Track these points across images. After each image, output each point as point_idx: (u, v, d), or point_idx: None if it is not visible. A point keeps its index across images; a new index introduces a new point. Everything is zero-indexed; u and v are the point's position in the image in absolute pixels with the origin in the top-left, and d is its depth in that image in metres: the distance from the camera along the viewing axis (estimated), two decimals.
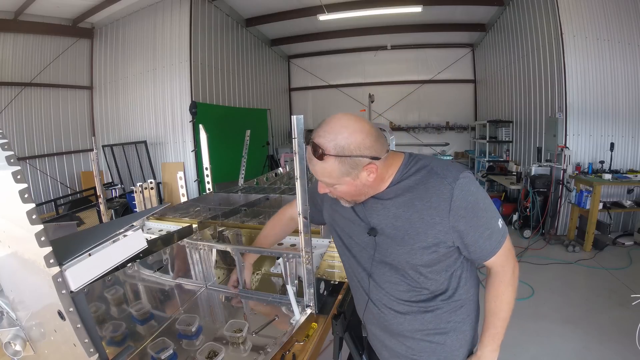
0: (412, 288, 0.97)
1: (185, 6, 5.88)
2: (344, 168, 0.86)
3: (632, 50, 4.82)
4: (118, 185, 6.16)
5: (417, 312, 0.98)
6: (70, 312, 0.66)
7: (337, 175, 0.88)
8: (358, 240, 1.01)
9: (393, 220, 0.93)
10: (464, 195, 0.87)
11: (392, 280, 0.99)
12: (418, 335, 1.00)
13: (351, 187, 0.91)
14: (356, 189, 0.92)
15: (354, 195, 0.95)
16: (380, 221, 0.95)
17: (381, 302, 1.02)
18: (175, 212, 2.21)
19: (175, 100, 6.07)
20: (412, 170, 0.94)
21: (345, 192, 0.94)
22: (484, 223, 0.91)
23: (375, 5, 6.35)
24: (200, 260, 1.56)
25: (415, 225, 0.90)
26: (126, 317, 1.21)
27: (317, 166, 0.89)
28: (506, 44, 6.70)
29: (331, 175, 0.89)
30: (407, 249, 0.92)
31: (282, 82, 9.87)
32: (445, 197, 0.87)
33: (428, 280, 0.96)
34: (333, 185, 0.92)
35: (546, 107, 5.34)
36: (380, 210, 0.95)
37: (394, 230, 0.93)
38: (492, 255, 0.94)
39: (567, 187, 4.81)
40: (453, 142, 9.14)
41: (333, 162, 0.86)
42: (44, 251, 0.63)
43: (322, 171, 0.89)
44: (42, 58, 6.03)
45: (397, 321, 1.01)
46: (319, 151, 0.86)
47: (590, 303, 3.15)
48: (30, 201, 0.61)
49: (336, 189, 0.93)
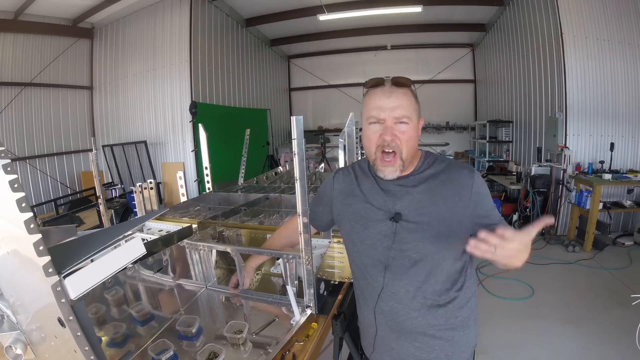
0: (430, 279, 0.98)
1: (185, 6, 5.88)
2: (417, 105, 0.99)
3: (632, 50, 4.82)
4: (118, 185, 6.16)
5: (430, 306, 1.00)
6: (70, 320, 0.66)
7: (413, 108, 0.97)
8: (375, 230, 1.01)
9: (418, 206, 0.98)
10: (480, 184, 0.99)
11: (410, 271, 0.99)
12: (430, 331, 1.00)
13: (415, 130, 0.98)
14: (415, 136, 0.99)
15: (411, 148, 0.98)
16: (404, 207, 0.99)
17: (396, 297, 1.01)
18: (175, 212, 2.21)
19: (175, 100, 6.07)
20: (431, 161, 1.04)
21: (409, 137, 0.97)
22: (492, 209, 1.02)
23: (375, 5, 6.35)
24: (200, 261, 1.56)
25: (440, 209, 0.97)
26: (126, 318, 1.21)
27: (400, 95, 0.95)
28: (506, 44, 6.70)
29: (409, 106, 0.96)
30: (433, 233, 0.96)
31: (282, 82, 9.86)
32: (467, 184, 0.97)
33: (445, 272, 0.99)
34: (406, 117, 0.96)
35: (546, 107, 5.34)
36: (404, 195, 1.00)
37: (419, 215, 0.97)
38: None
39: (567, 187, 4.81)
40: (453, 142, 9.14)
41: (411, 95, 0.98)
42: (42, 260, 0.62)
43: (404, 99, 0.95)
44: (42, 58, 6.02)
45: (411, 316, 1.00)
46: (406, 82, 0.97)
47: (590, 303, 3.15)
48: (28, 210, 0.61)
49: (407, 127, 0.96)
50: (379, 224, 1.01)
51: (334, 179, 1.18)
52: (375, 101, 0.96)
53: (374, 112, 0.96)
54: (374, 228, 1.01)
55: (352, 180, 1.11)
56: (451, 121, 9.02)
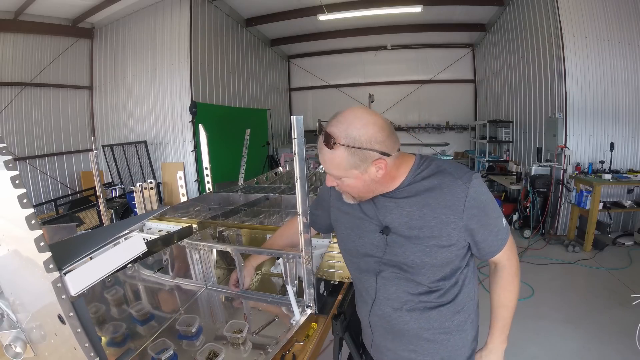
0: (421, 286, 0.97)
1: (185, 6, 5.88)
2: (353, 160, 0.86)
3: (632, 50, 4.82)
4: (118, 185, 6.16)
5: (423, 309, 0.98)
6: (70, 316, 0.66)
7: (345, 167, 0.88)
8: (367, 240, 1.01)
9: (407, 219, 0.93)
10: (477, 195, 0.91)
11: (400, 280, 0.98)
12: (424, 334, 1.00)
13: (359, 181, 0.91)
14: (364, 184, 0.92)
15: (361, 191, 0.94)
16: (393, 220, 0.95)
17: (388, 302, 1.01)
18: (175, 212, 2.21)
19: (175, 100, 6.07)
20: (424, 170, 0.95)
21: (352, 187, 0.93)
22: (493, 222, 0.96)
23: (375, 5, 6.35)
24: (200, 261, 1.56)
25: (429, 223, 0.91)
26: (126, 317, 1.21)
27: (327, 155, 0.88)
28: (506, 44, 6.70)
29: (339, 166, 0.88)
30: (421, 247, 0.93)
31: (282, 82, 9.86)
32: (459, 196, 0.90)
33: (437, 280, 0.97)
34: (341, 177, 0.92)
35: (546, 107, 5.34)
36: (393, 209, 0.95)
37: (408, 229, 0.93)
38: (498, 251, 0.99)
39: (567, 187, 4.81)
40: (453, 142, 9.14)
41: (343, 152, 0.86)
42: (43, 256, 0.62)
43: (330, 161, 0.89)
44: (42, 58, 6.03)
45: (404, 319, 1.00)
46: (330, 140, 0.85)
47: (590, 303, 3.15)
48: (29, 206, 0.61)
49: (343, 182, 0.93)
50: (371, 235, 1.00)
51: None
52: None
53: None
54: (367, 238, 1.01)
55: None
56: (451, 121, 9.02)
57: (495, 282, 1.05)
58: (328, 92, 9.74)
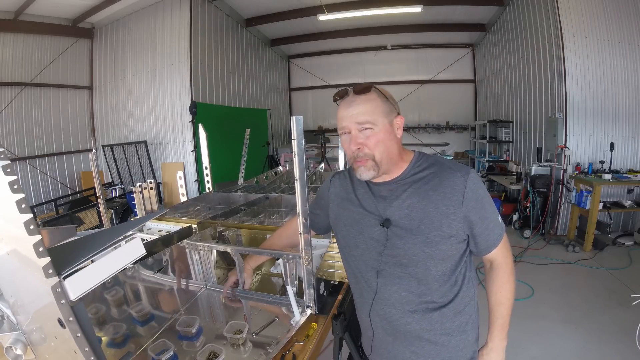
0: (421, 285, 0.97)
1: (185, 6, 5.88)
2: (385, 106, 0.96)
3: (632, 50, 4.82)
4: (118, 185, 6.15)
5: (424, 310, 0.98)
6: (70, 321, 0.66)
7: (379, 112, 0.95)
8: (368, 235, 1.01)
9: (407, 211, 0.96)
10: (475, 187, 0.94)
11: (402, 276, 0.98)
12: (425, 335, 1.00)
13: (385, 133, 0.95)
14: (390, 139, 0.96)
15: (386, 147, 0.96)
16: (393, 212, 0.97)
17: (389, 302, 1.01)
18: (175, 212, 2.21)
19: (175, 100, 6.07)
20: (424, 163, 1.00)
21: (379, 142, 0.95)
22: (490, 215, 0.98)
23: (375, 5, 6.35)
24: (200, 261, 1.56)
25: (430, 214, 0.94)
26: (126, 318, 1.21)
27: (361, 101, 0.95)
28: (506, 44, 6.70)
29: (374, 111, 0.94)
30: (422, 239, 0.94)
31: (282, 82, 9.86)
32: (458, 188, 0.93)
33: (437, 276, 0.97)
34: (371, 125, 0.94)
35: (546, 107, 5.34)
36: (394, 201, 0.98)
37: (408, 220, 0.95)
38: (494, 246, 1.01)
39: (567, 187, 4.81)
40: (453, 142, 9.14)
41: (376, 97, 0.96)
42: (42, 261, 0.62)
43: (365, 104, 0.94)
44: (42, 58, 6.02)
45: (405, 321, 1.00)
46: (366, 87, 0.95)
47: (590, 303, 3.16)
48: (28, 211, 0.61)
49: (373, 132, 0.95)
50: (371, 229, 1.00)
51: (330, 182, 1.19)
52: (340, 112, 0.98)
53: (340, 122, 0.99)
54: (367, 233, 1.01)
55: (348, 185, 1.11)
56: (451, 121, 9.02)
57: (492, 281, 1.06)
58: (328, 92, 9.70)
